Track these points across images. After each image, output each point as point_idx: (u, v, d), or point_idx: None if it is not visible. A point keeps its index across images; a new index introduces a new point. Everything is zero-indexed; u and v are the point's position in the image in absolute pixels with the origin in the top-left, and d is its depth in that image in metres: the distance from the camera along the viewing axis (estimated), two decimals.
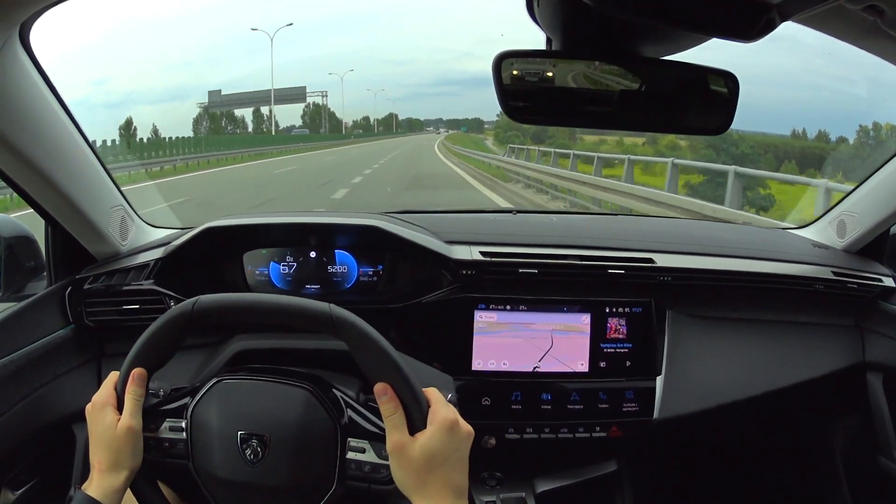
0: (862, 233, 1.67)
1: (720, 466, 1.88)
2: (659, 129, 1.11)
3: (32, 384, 1.30)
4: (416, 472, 0.90)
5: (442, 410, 0.93)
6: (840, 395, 1.67)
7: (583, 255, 1.51)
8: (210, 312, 0.98)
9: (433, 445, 0.90)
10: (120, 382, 0.99)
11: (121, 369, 0.99)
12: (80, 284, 1.43)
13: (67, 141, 1.26)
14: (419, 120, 63.61)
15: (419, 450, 0.89)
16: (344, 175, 16.31)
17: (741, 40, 0.79)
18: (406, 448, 0.90)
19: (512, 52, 0.94)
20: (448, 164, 21.65)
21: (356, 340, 0.94)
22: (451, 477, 0.91)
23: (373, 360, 0.93)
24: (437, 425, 0.91)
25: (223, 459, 0.97)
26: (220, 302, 0.98)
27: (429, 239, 1.49)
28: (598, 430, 1.45)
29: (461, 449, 0.92)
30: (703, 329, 1.56)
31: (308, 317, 0.96)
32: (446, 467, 0.90)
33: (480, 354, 1.45)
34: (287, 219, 1.55)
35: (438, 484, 0.89)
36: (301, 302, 0.97)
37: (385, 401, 0.92)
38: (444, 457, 0.90)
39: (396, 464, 0.91)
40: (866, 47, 0.99)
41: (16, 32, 1.03)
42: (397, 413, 0.91)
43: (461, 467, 0.92)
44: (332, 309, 0.95)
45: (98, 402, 0.99)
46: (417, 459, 0.89)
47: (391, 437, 0.91)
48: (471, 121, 54.30)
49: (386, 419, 0.92)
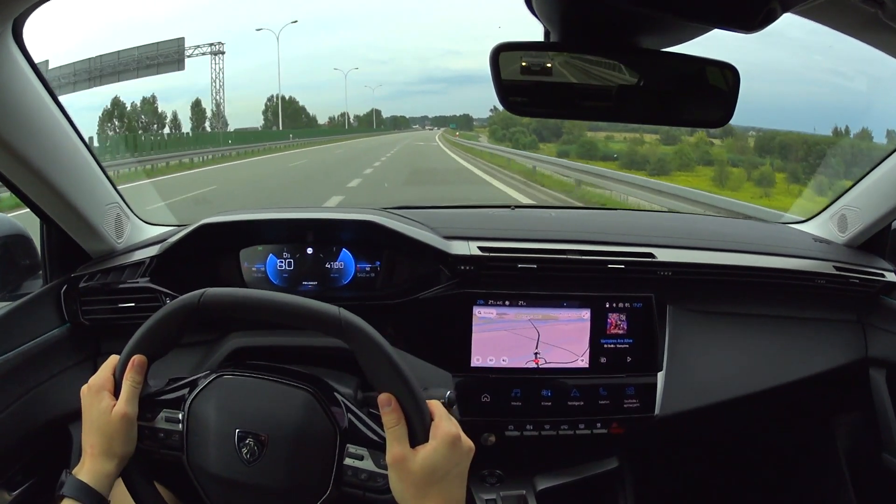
0: (863, 227, 1.67)
1: (722, 463, 1.88)
2: (658, 121, 1.09)
3: (28, 384, 1.29)
4: (415, 486, 0.89)
5: (445, 425, 0.92)
6: (843, 391, 1.67)
7: (582, 250, 1.50)
8: (216, 306, 0.97)
9: (434, 460, 0.89)
10: (119, 368, 0.98)
11: (121, 354, 0.98)
12: (76, 283, 1.42)
13: (61, 138, 1.25)
14: (405, 117, 60.65)
15: (420, 463, 0.89)
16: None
17: (742, 31, 0.78)
18: (406, 461, 0.89)
19: (509, 43, 0.93)
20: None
21: (363, 347, 0.93)
22: (451, 492, 0.90)
23: (379, 368, 0.92)
24: (440, 440, 0.90)
25: (219, 456, 0.96)
26: (228, 296, 0.98)
27: (427, 234, 1.48)
28: (599, 426, 1.44)
29: (462, 464, 0.92)
30: (704, 324, 1.55)
31: (317, 318, 0.95)
32: (446, 482, 0.90)
33: (479, 350, 1.44)
34: (284, 214, 1.54)
35: (437, 498, 0.89)
36: (310, 303, 0.96)
37: (388, 412, 0.91)
38: (445, 471, 0.89)
39: (396, 476, 0.90)
40: (866, 39, 0.98)
41: (9, 28, 1.02)
42: (399, 425, 0.90)
43: (460, 483, 0.92)
44: (341, 313, 0.94)
45: (95, 385, 0.98)
46: (417, 473, 0.88)
47: (392, 448, 0.90)
48: (459, 117, 51.77)
49: (388, 430, 0.91)
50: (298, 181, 13.81)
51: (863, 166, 1.69)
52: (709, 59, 0.96)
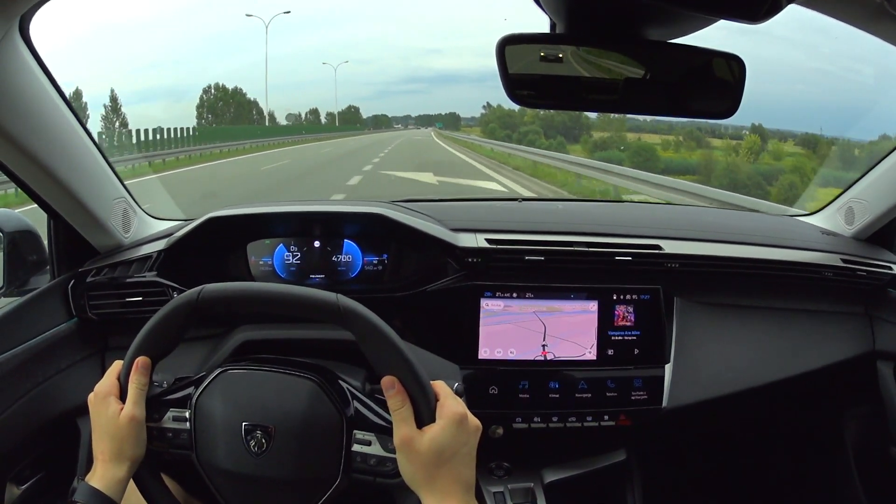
0: (871, 220, 1.66)
1: (728, 456, 1.87)
2: (665, 113, 1.09)
3: (36, 378, 1.30)
4: (424, 467, 0.89)
5: (451, 404, 0.92)
6: (850, 384, 1.66)
7: (590, 242, 1.49)
8: (215, 301, 0.97)
9: (442, 439, 0.89)
10: (123, 372, 0.98)
11: (124, 358, 0.98)
12: (83, 277, 1.43)
13: (68, 133, 1.25)
14: (386, 116, 55.60)
15: (427, 444, 0.88)
16: None
17: (748, 21, 0.78)
18: (414, 442, 0.89)
19: (515, 36, 0.93)
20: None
21: (364, 332, 0.93)
22: (460, 471, 0.90)
23: (380, 352, 0.92)
24: (446, 419, 0.90)
25: (227, 451, 0.96)
26: (226, 291, 0.97)
27: (434, 227, 1.48)
28: (607, 418, 1.44)
29: (470, 443, 0.91)
30: (711, 316, 1.55)
31: (315, 307, 0.95)
32: (455, 461, 0.89)
33: (487, 343, 1.44)
34: (291, 208, 1.54)
35: (447, 478, 0.88)
36: (308, 291, 0.96)
37: (392, 394, 0.90)
38: (453, 451, 0.89)
39: (404, 458, 0.90)
40: (873, 31, 0.98)
41: (16, 25, 1.03)
42: (405, 406, 0.90)
43: (469, 461, 0.91)
44: (339, 299, 0.94)
45: (100, 391, 0.98)
46: (426, 453, 0.88)
47: (399, 430, 0.90)
48: (445, 116, 48.30)
49: (393, 412, 0.91)
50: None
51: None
52: (715, 51, 0.95)
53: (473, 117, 37.94)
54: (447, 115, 48.81)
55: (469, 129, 34.40)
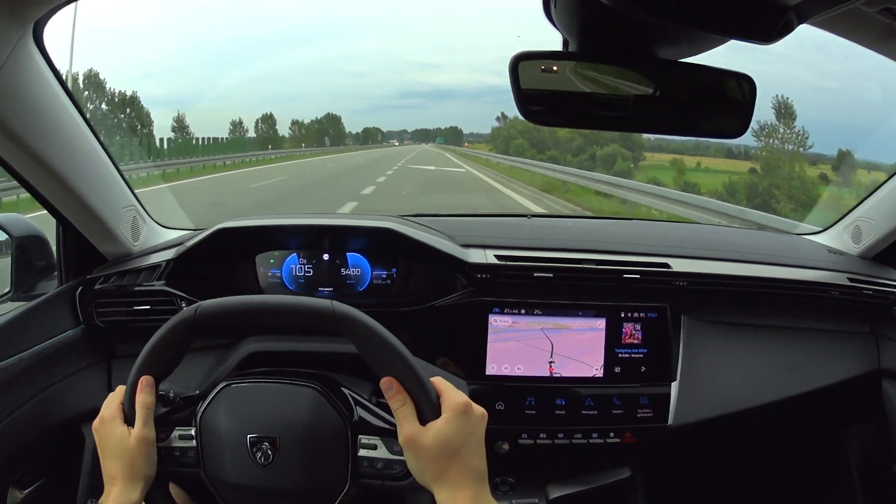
0: (878, 239, 1.66)
1: (734, 474, 1.86)
2: (675, 131, 1.09)
3: (41, 384, 1.30)
4: (433, 462, 0.88)
5: (452, 396, 0.92)
6: (855, 402, 1.65)
7: (598, 260, 1.50)
8: (213, 317, 0.97)
9: (447, 431, 0.88)
10: (127, 393, 0.97)
11: (128, 380, 0.98)
12: (91, 284, 1.43)
13: (80, 140, 1.26)
14: (379, 130, 52.03)
15: (433, 438, 0.88)
16: None
17: (760, 42, 0.78)
18: (418, 438, 0.88)
19: (528, 53, 0.93)
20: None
21: (360, 335, 0.93)
22: (471, 461, 0.89)
23: (378, 353, 0.93)
24: (450, 411, 0.90)
25: (234, 464, 0.96)
26: (222, 306, 0.97)
27: (443, 242, 1.49)
28: (613, 435, 1.44)
29: (477, 431, 0.91)
30: (718, 335, 1.54)
31: (310, 314, 0.95)
32: (464, 452, 0.89)
33: (494, 359, 1.43)
34: (300, 220, 1.54)
35: (458, 470, 0.88)
36: (303, 300, 0.97)
37: (392, 394, 0.91)
38: (461, 442, 0.89)
39: (412, 455, 0.90)
40: (881, 50, 0.99)
41: (29, 31, 1.03)
42: (406, 405, 0.90)
43: (479, 450, 0.91)
44: (334, 305, 0.94)
45: (106, 416, 0.97)
46: (432, 448, 0.88)
47: (402, 429, 0.90)
48: (445, 131, 47.49)
49: (395, 412, 0.91)
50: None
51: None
52: (725, 70, 0.96)
53: (473, 132, 36.61)
54: (447, 129, 47.28)
55: (473, 144, 33.03)
